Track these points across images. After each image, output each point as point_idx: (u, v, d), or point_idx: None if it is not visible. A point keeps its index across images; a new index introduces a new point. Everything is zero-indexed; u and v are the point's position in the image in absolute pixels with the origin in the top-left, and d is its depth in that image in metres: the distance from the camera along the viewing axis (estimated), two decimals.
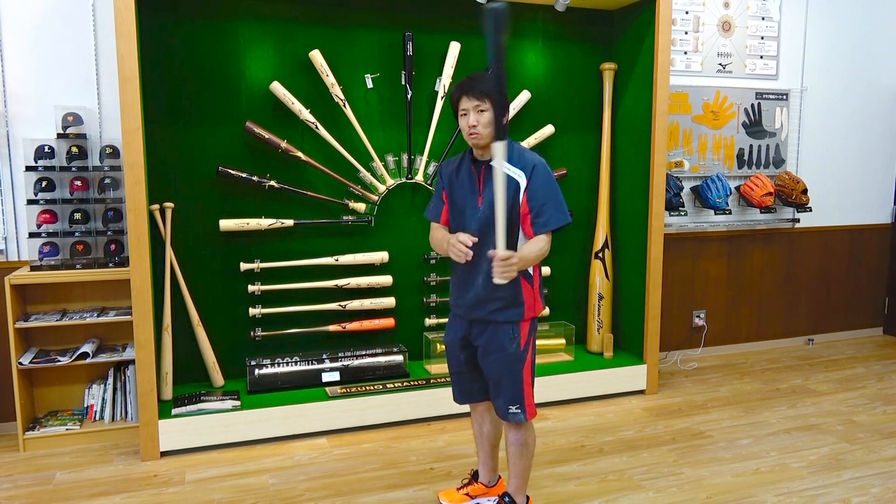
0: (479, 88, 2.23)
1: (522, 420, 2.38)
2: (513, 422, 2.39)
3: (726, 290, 4.73)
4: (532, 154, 2.33)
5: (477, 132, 2.26)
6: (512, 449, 2.45)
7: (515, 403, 2.37)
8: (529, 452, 2.45)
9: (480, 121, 2.24)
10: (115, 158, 3.28)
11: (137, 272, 2.97)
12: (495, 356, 2.36)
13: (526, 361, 2.38)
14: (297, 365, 3.53)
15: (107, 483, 2.88)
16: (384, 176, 3.70)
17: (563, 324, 4.07)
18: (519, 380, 2.36)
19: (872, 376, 4.32)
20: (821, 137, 4.88)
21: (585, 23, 4.03)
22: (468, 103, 2.25)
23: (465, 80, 2.31)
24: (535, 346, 2.45)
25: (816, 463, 3.09)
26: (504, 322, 2.34)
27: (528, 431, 2.43)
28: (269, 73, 3.48)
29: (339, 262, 3.63)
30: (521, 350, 2.36)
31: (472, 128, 2.25)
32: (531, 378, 2.40)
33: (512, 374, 2.35)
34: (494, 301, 2.32)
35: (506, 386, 2.37)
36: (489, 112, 2.23)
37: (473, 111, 2.25)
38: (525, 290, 2.34)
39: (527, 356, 2.38)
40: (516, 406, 2.37)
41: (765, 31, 4.60)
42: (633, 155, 3.94)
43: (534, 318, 2.40)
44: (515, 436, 2.42)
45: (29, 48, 3.23)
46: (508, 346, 2.34)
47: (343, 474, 2.95)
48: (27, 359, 3.16)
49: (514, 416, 2.37)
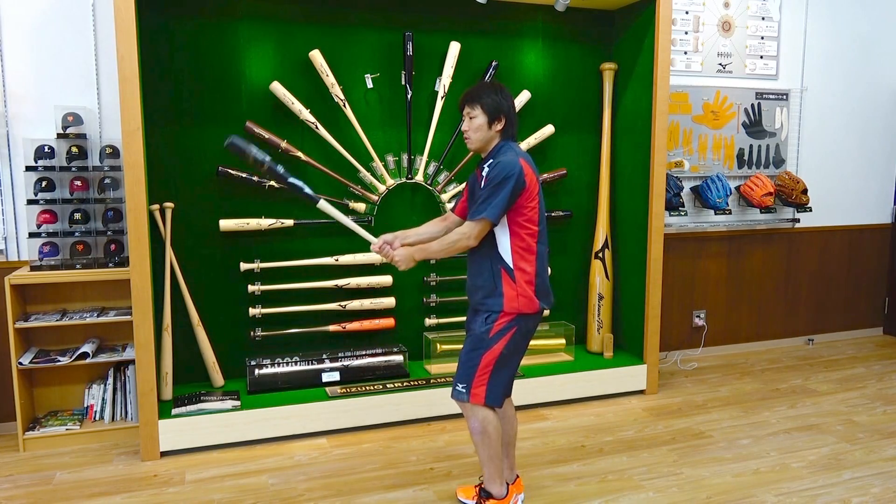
0: (472, 96, 2.44)
1: (465, 399, 2.45)
2: (455, 399, 2.48)
3: (726, 290, 4.73)
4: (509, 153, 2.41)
5: (468, 136, 2.47)
6: (474, 438, 2.51)
7: (463, 382, 2.45)
8: (489, 440, 2.47)
9: (471, 126, 2.45)
10: (115, 158, 3.28)
11: (137, 272, 2.97)
12: (468, 334, 2.51)
13: (490, 349, 2.41)
14: (297, 365, 3.53)
15: (107, 483, 2.88)
16: (384, 176, 3.70)
17: (563, 324, 4.07)
18: (474, 361, 2.43)
19: (872, 376, 4.32)
20: (821, 137, 4.88)
21: (585, 23, 4.03)
22: (464, 110, 2.47)
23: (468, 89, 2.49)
24: (516, 345, 2.45)
25: (816, 463, 3.09)
26: (483, 309, 2.46)
27: (484, 420, 2.45)
28: (269, 73, 3.48)
29: (339, 262, 3.63)
30: (489, 337, 2.41)
31: (465, 132, 2.48)
32: (492, 368, 2.42)
33: (469, 354, 2.44)
34: (477, 290, 2.48)
35: (462, 363, 2.47)
36: (479, 118, 2.42)
37: (466, 117, 2.46)
38: (505, 283, 2.41)
39: (493, 345, 2.41)
40: (462, 385, 2.45)
41: (765, 31, 4.60)
42: (633, 155, 3.94)
43: (518, 316, 2.41)
44: (473, 423, 2.47)
45: (29, 48, 3.23)
46: (478, 328, 2.44)
47: (343, 474, 2.95)
48: (27, 359, 3.16)
49: (458, 393, 2.46)
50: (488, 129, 2.43)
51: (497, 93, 2.43)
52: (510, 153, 2.40)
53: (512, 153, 2.40)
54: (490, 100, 2.41)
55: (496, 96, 2.42)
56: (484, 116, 2.41)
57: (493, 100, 2.41)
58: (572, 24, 4.01)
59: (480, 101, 2.41)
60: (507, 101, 2.44)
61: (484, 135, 2.44)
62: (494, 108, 2.41)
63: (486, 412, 2.47)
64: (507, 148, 2.43)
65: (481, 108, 2.41)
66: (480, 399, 2.44)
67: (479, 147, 2.48)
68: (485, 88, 2.45)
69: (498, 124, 2.43)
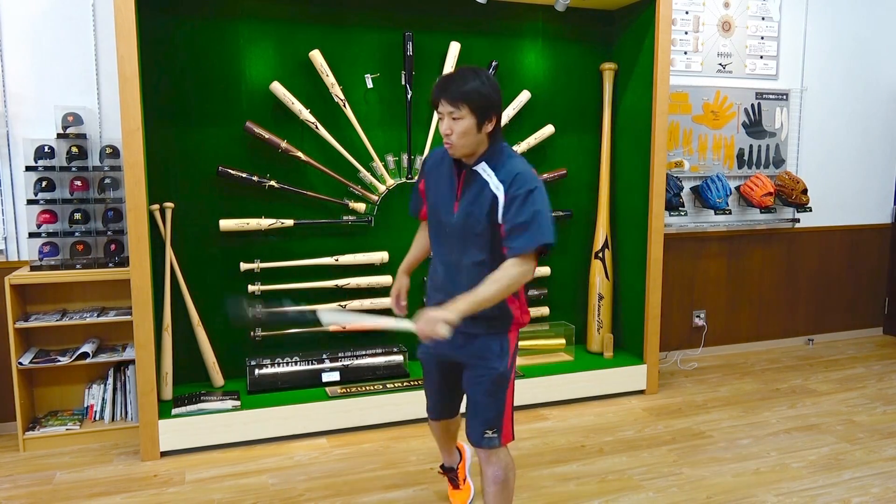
0: (456, 91, 1.91)
1: (497, 445, 2.13)
2: (486, 447, 2.13)
3: (726, 290, 4.73)
4: (520, 163, 2.01)
5: (451, 142, 1.96)
6: (490, 489, 2.14)
7: (492, 427, 2.12)
8: (509, 491, 2.17)
9: (455, 129, 1.94)
10: (115, 158, 3.28)
11: (137, 272, 2.97)
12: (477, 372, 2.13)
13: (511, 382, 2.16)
14: (297, 365, 3.53)
15: (107, 483, 2.88)
16: (384, 176, 3.70)
17: (563, 324, 4.07)
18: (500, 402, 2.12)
19: (872, 376, 4.32)
20: (821, 137, 4.88)
21: (585, 23, 4.03)
22: (443, 107, 1.95)
23: (442, 78, 1.98)
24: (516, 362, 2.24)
25: (816, 463, 3.09)
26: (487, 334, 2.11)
27: (506, 467, 2.16)
28: (269, 73, 3.48)
29: (339, 262, 3.63)
30: (507, 368, 2.13)
31: (447, 136, 1.97)
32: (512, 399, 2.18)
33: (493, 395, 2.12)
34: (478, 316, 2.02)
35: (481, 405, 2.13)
36: (466, 121, 1.92)
37: (448, 117, 1.95)
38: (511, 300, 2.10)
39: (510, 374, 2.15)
40: (493, 430, 2.12)
41: (765, 31, 4.60)
42: (633, 155, 3.94)
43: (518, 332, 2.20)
44: (494, 471, 2.13)
45: (29, 48, 3.23)
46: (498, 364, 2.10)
47: (343, 474, 2.95)
48: (27, 359, 3.16)
49: (489, 441, 2.12)
50: (477, 132, 1.94)
51: (483, 82, 1.92)
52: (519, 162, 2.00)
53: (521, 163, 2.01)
54: (477, 94, 1.90)
55: (483, 88, 1.92)
56: (472, 118, 1.92)
57: (481, 95, 1.91)
58: (572, 24, 4.01)
59: (466, 98, 1.90)
60: (497, 93, 1.96)
61: (471, 139, 1.95)
62: (485, 105, 1.92)
63: (509, 459, 2.17)
64: (510, 155, 2.03)
65: (468, 108, 1.91)
66: (510, 436, 2.15)
67: (464, 154, 2.00)
68: (468, 78, 1.92)
69: (489, 125, 1.95)
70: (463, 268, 2.08)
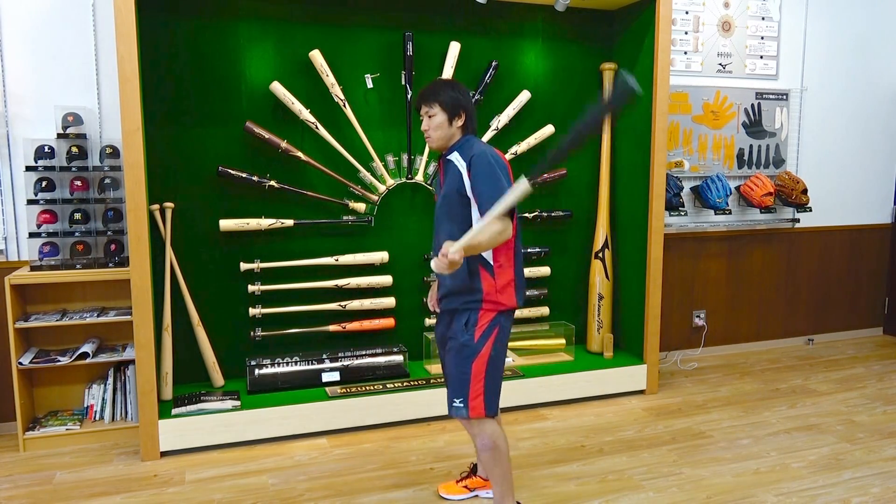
0: (428, 95, 2.38)
1: (464, 415, 2.32)
2: (455, 416, 2.35)
3: (726, 290, 4.73)
4: (479, 145, 2.35)
5: (429, 135, 2.41)
6: (483, 456, 2.39)
7: (458, 397, 2.32)
8: (502, 454, 2.37)
9: (431, 125, 2.38)
10: (115, 158, 3.28)
11: (137, 272, 2.97)
12: (449, 345, 2.38)
13: (479, 355, 2.30)
14: (297, 365, 3.53)
15: (107, 483, 2.88)
16: (384, 176, 3.70)
17: (563, 324, 4.07)
18: (465, 372, 2.31)
19: (872, 376, 4.32)
20: (821, 137, 4.88)
21: (585, 23, 4.03)
22: (423, 110, 2.40)
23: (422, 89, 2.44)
24: (501, 345, 2.35)
25: (816, 463, 3.09)
26: (461, 309, 2.34)
27: (492, 434, 2.34)
28: (269, 73, 3.48)
29: (339, 262, 3.63)
30: (475, 342, 2.30)
31: (426, 131, 2.41)
32: (484, 374, 2.31)
33: (458, 366, 2.32)
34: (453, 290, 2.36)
35: (451, 377, 2.36)
36: (438, 116, 2.36)
37: (426, 116, 2.39)
38: (484, 279, 2.31)
39: (481, 349, 2.31)
40: (459, 399, 2.32)
41: (765, 31, 4.60)
42: (633, 155, 3.94)
43: (499, 314, 2.33)
44: (481, 441, 2.36)
45: (29, 48, 3.23)
46: (461, 335, 2.32)
47: (343, 474, 2.96)
48: (27, 359, 3.16)
49: (457, 410, 2.33)
50: (449, 125, 2.37)
51: (453, 88, 2.38)
52: (478, 145, 2.35)
53: (480, 145, 2.35)
54: (447, 96, 2.35)
55: (453, 92, 2.37)
56: (443, 114, 2.35)
57: (451, 96, 2.35)
58: (572, 24, 4.01)
59: (438, 99, 2.36)
60: (464, 96, 2.39)
61: (445, 132, 2.37)
62: (454, 103, 2.35)
63: (493, 426, 2.36)
64: (473, 141, 2.38)
65: (440, 106, 2.35)
66: (480, 411, 2.31)
67: (441, 145, 2.41)
68: (440, 86, 2.40)
69: (458, 120, 2.37)
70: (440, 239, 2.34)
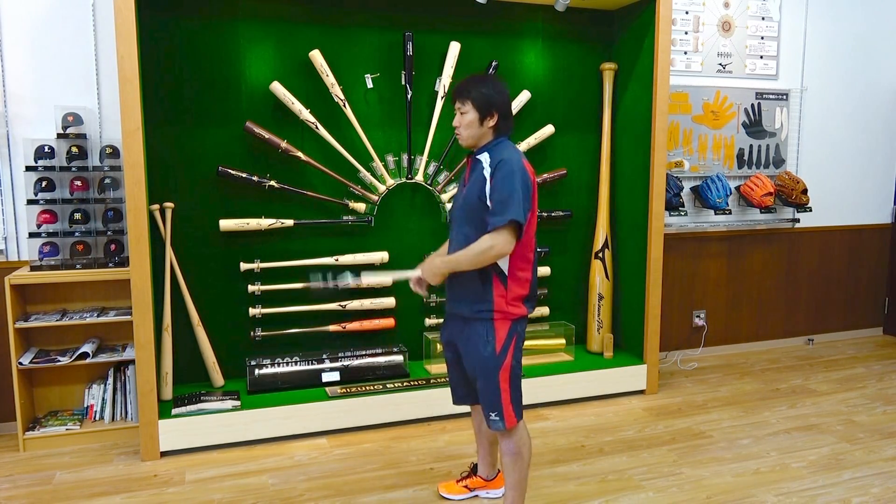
0: (461, 90, 2.31)
1: (502, 427, 2.32)
2: (494, 430, 2.35)
3: (726, 290, 4.73)
4: (510, 151, 2.28)
5: (459, 132, 2.35)
6: (505, 459, 2.40)
7: (494, 411, 2.32)
8: (523, 462, 2.38)
9: (462, 122, 2.32)
10: (115, 158, 3.28)
11: (137, 272, 2.97)
12: (469, 358, 2.36)
13: (503, 367, 2.30)
14: (297, 365, 3.53)
15: (107, 483, 2.88)
16: (384, 176, 3.70)
17: (563, 324, 4.07)
18: (494, 387, 2.30)
19: (872, 376, 4.32)
20: (821, 137, 4.88)
21: (585, 23, 4.03)
22: (457, 105, 2.34)
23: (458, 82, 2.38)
24: (519, 352, 2.35)
25: (816, 463, 3.09)
26: (473, 318, 2.31)
27: (519, 441, 2.36)
28: (269, 73, 3.48)
29: (339, 262, 3.63)
30: (497, 355, 2.29)
31: (456, 128, 2.36)
32: (510, 384, 2.31)
33: (487, 382, 2.31)
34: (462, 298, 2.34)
35: (481, 392, 2.34)
36: (469, 114, 2.30)
37: (457, 112, 2.34)
38: (496, 287, 2.27)
39: (504, 361, 2.29)
40: (495, 414, 2.32)
41: (765, 31, 4.60)
42: (633, 155, 3.94)
43: (515, 322, 2.31)
44: (507, 445, 2.37)
45: (29, 48, 3.23)
46: (483, 349, 2.29)
47: (343, 474, 2.95)
48: (27, 359, 3.16)
49: (495, 423, 2.33)
50: (479, 125, 2.29)
51: (489, 86, 2.28)
52: (509, 150, 2.27)
53: (511, 151, 2.28)
54: (479, 94, 2.26)
55: (487, 90, 2.27)
56: (474, 112, 2.27)
57: (484, 94, 2.26)
58: (572, 24, 4.01)
59: (470, 96, 2.27)
60: (500, 95, 2.29)
61: (475, 131, 2.30)
62: (485, 102, 2.26)
63: (523, 434, 2.38)
64: (506, 146, 2.30)
65: (471, 103, 2.27)
66: (514, 420, 2.33)
67: (471, 144, 2.35)
68: (475, 81, 2.30)
69: (490, 120, 2.28)
70: (454, 240, 2.38)
